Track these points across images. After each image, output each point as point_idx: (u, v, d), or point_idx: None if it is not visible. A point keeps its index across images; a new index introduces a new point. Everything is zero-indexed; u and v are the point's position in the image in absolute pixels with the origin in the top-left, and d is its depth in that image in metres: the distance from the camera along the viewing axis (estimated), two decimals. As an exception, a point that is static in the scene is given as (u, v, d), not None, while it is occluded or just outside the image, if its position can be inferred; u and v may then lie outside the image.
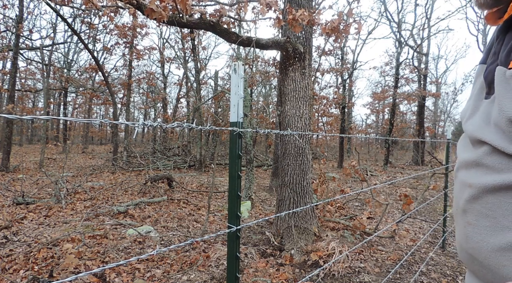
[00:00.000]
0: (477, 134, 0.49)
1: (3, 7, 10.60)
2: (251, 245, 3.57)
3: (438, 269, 3.13)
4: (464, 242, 0.52)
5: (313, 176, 5.78)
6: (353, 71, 17.00)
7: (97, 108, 28.08)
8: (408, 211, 3.92)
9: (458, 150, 0.59)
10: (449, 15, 13.90)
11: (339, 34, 3.11)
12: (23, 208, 4.86)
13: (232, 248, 1.18)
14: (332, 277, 2.88)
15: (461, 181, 0.54)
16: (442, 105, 28.17)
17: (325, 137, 22.90)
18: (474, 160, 0.50)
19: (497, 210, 0.45)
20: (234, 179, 1.18)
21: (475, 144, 0.51)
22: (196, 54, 12.62)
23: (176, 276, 2.81)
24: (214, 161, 4.43)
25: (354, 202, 6.18)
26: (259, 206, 5.70)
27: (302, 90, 3.64)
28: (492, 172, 0.46)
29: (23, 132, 24.66)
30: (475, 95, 0.54)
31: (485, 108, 0.49)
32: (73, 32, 10.30)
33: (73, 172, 9.16)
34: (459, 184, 0.54)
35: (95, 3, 3.50)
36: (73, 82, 16.41)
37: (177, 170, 10.90)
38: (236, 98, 1.16)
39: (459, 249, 0.55)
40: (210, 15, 3.63)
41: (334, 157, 18.09)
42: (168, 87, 22.65)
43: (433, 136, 21.70)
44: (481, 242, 0.47)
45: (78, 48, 19.00)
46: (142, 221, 4.48)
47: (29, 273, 2.68)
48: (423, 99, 15.92)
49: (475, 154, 0.50)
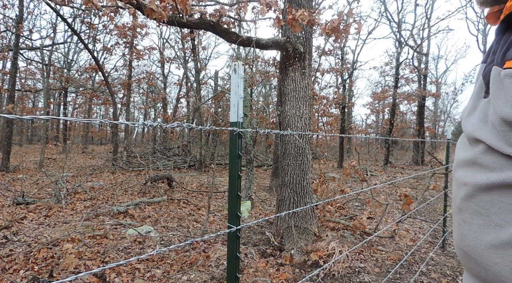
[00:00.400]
0: (474, 133, 0.50)
1: (3, 7, 10.60)
2: (251, 245, 3.57)
3: (438, 269, 3.13)
4: (460, 240, 0.53)
5: (313, 176, 5.78)
6: (353, 71, 17.00)
7: (97, 108, 28.09)
8: (408, 211, 3.92)
9: (456, 149, 0.60)
10: (449, 15, 13.90)
11: (339, 34, 3.11)
12: (23, 208, 4.86)
13: (232, 248, 1.18)
14: (332, 277, 2.88)
15: (457, 180, 0.54)
16: (442, 105, 28.19)
17: (325, 137, 22.90)
18: (470, 158, 0.51)
19: (490, 208, 0.46)
20: (234, 179, 1.18)
21: (472, 143, 0.52)
22: (196, 54, 12.62)
23: (176, 276, 2.81)
24: (214, 161, 4.42)
25: (354, 202, 6.18)
26: (259, 206, 5.70)
27: (302, 90, 3.64)
28: (486, 171, 0.47)
29: (23, 132, 24.66)
30: (474, 95, 0.54)
31: (483, 107, 0.50)
32: (73, 32, 10.30)
33: (73, 172, 9.16)
34: (456, 182, 0.55)
35: (95, 3, 3.50)
36: (73, 82, 16.41)
37: (177, 170, 10.90)
38: (236, 98, 1.16)
39: (456, 247, 0.56)
40: (210, 15, 3.63)
41: (334, 157, 18.09)
42: (168, 87, 22.66)
43: (433, 136, 21.70)
44: (475, 240, 0.48)
45: (78, 48, 19.01)
46: (142, 221, 4.48)
47: (29, 273, 2.68)
48: (423, 99, 15.92)
49: (472, 153, 0.51)
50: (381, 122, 27.66)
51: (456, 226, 0.55)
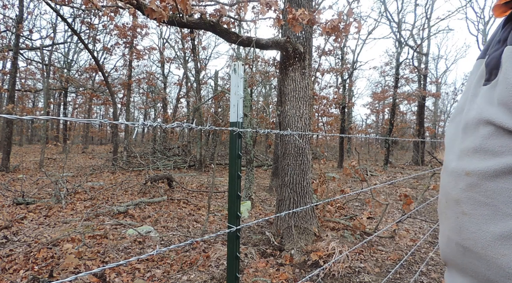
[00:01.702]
0: (482, 115, 0.48)
1: (3, 7, 10.61)
2: (251, 245, 3.57)
3: (438, 269, 3.13)
4: (456, 234, 0.51)
5: (313, 176, 5.78)
6: (353, 71, 17.00)
7: (97, 108, 28.10)
8: (408, 211, 3.92)
9: (449, 143, 0.57)
10: (449, 15, 13.90)
11: (339, 34, 3.11)
12: (23, 208, 4.86)
13: (232, 248, 1.18)
14: (332, 277, 2.88)
15: (455, 171, 0.52)
16: (442, 105, 28.21)
17: (325, 137, 22.89)
18: (472, 146, 0.49)
19: (497, 197, 0.44)
20: (234, 179, 1.18)
21: (474, 129, 0.50)
22: (196, 54, 12.62)
23: (176, 276, 2.81)
24: (214, 161, 4.41)
25: (354, 202, 6.18)
26: (259, 206, 5.70)
27: (302, 90, 3.64)
28: (493, 156, 0.45)
29: (23, 132, 24.66)
30: (473, 87, 0.54)
31: (485, 93, 0.49)
32: (73, 32, 10.30)
33: (73, 172, 9.16)
34: (453, 174, 0.53)
35: (95, 3, 3.50)
36: (73, 82, 16.41)
37: (177, 170, 10.90)
38: (236, 98, 1.16)
39: (446, 243, 0.54)
40: (210, 15, 3.64)
41: (334, 157, 18.10)
42: (168, 87, 22.66)
43: (433, 136, 21.70)
44: (478, 232, 0.46)
45: (78, 48, 19.01)
46: (142, 221, 4.48)
47: (29, 273, 2.68)
48: (423, 99, 15.93)
49: (474, 140, 0.49)
50: (381, 122, 27.67)
51: (450, 221, 0.53)
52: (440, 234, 0.58)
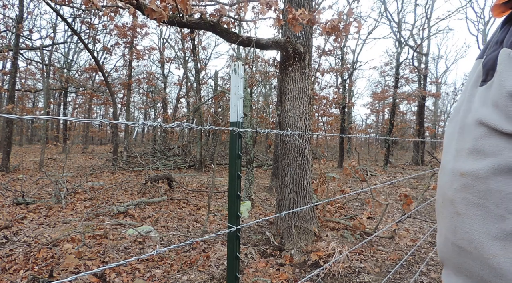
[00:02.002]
0: (476, 116, 0.48)
1: (3, 7, 10.61)
2: (251, 245, 3.57)
3: (438, 269, 3.13)
4: (451, 234, 0.51)
5: (313, 176, 5.78)
6: (353, 71, 17.00)
7: (97, 108, 28.09)
8: (408, 211, 3.92)
9: (447, 143, 0.58)
10: (449, 15, 13.90)
11: (339, 33, 3.11)
12: (23, 208, 4.86)
13: (232, 248, 1.18)
14: (332, 277, 2.88)
15: (452, 171, 0.53)
16: (442, 105, 28.22)
17: (325, 137, 22.89)
18: (468, 147, 0.49)
19: (488, 198, 0.45)
20: (234, 179, 1.18)
21: (470, 130, 0.50)
22: (196, 54, 12.62)
23: (176, 276, 2.81)
24: (214, 161, 4.41)
25: (354, 202, 6.18)
26: (259, 206, 5.70)
27: (302, 90, 3.64)
28: (484, 157, 0.46)
29: (23, 132, 24.66)
30: (470, 87, 0.54)
31: (481, 93, 0.50)
32: (73, 32, 10.30)
33: (73, 172, 9.16)
34: (450, 174, 0.53)
35: (95, 3, 3.50)
36: (73, 82, 16.41)
37: (177, 170, 10.90)
38: (236, 98, 1.16)
39: (443, 242, 0.54)
40: (210, 15, 3.64)
41: (334, 157, 18.10)
42: (168, 87, 22.66)
43: (433, 136, 21.70)
44: (471, 232, 0.47)
45: (78, 48, 19.01)
46: (142, 221, 4.48)
47: (29, 273, 2.68)
48: (423, 99, 15.93)
49: (469, 140, 0.49)
50: (381, 122, 27.67)
51: (446, 220, 0.53)
52: (438, 234, 0.58)
